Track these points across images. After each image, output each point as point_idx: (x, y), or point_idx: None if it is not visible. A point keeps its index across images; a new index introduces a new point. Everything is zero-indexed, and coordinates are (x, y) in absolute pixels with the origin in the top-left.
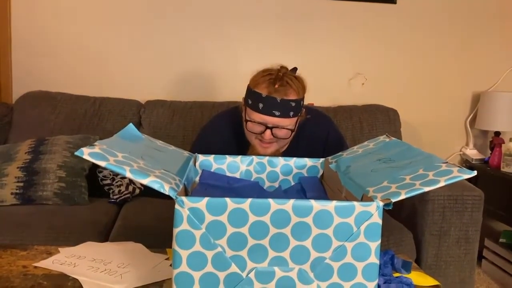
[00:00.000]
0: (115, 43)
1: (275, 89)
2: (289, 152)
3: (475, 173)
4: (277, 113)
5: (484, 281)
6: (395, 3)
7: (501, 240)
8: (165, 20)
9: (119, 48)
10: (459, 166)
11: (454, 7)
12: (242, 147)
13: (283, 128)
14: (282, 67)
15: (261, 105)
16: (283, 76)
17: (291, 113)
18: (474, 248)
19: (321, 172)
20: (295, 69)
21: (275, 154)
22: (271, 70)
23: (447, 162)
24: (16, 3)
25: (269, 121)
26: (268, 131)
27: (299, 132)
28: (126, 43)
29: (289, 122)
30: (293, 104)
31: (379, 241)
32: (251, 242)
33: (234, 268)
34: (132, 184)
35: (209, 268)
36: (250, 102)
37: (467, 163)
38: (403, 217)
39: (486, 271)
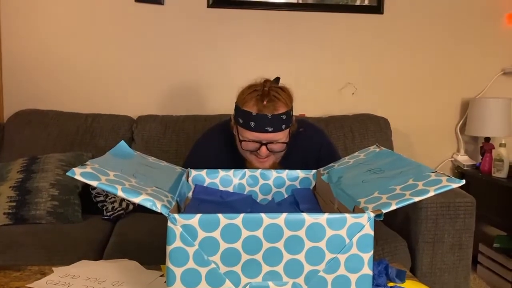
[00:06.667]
0: (106, 60)
1: (264, 105)
2: (282, 166)
3: (463, 182)
4: (269, 129)
5: (480, 286)
6: (382, 13)
7: (495, 245)
8: (155, 35)
9: (109, 64)
10: (448, 176)
11: (440, 15)
12: (236, 160)
13: (278, 142)
14: (266, 80)
15: (252, 124)
16: (269, 91)
17: (283, 126)
18: (468, 254)
19: (313, 183)
20: (277, 79)
21: (273, 166)
22: (256, 86)
23: (436, 171)
24: (6, 21)
25: (263, 137)
26: (263, 148)
27: (292, 145)
28: (117, 59)
29: (283, 135)
30: (284, 117)
31: (372, 252)
32: (244, 257)
33: (228, 284)
34: (125, 201)
35: (203, 285)
36: (241, 121)
37: (458, 169)
38: (397, 225)
39: (482, 276)
